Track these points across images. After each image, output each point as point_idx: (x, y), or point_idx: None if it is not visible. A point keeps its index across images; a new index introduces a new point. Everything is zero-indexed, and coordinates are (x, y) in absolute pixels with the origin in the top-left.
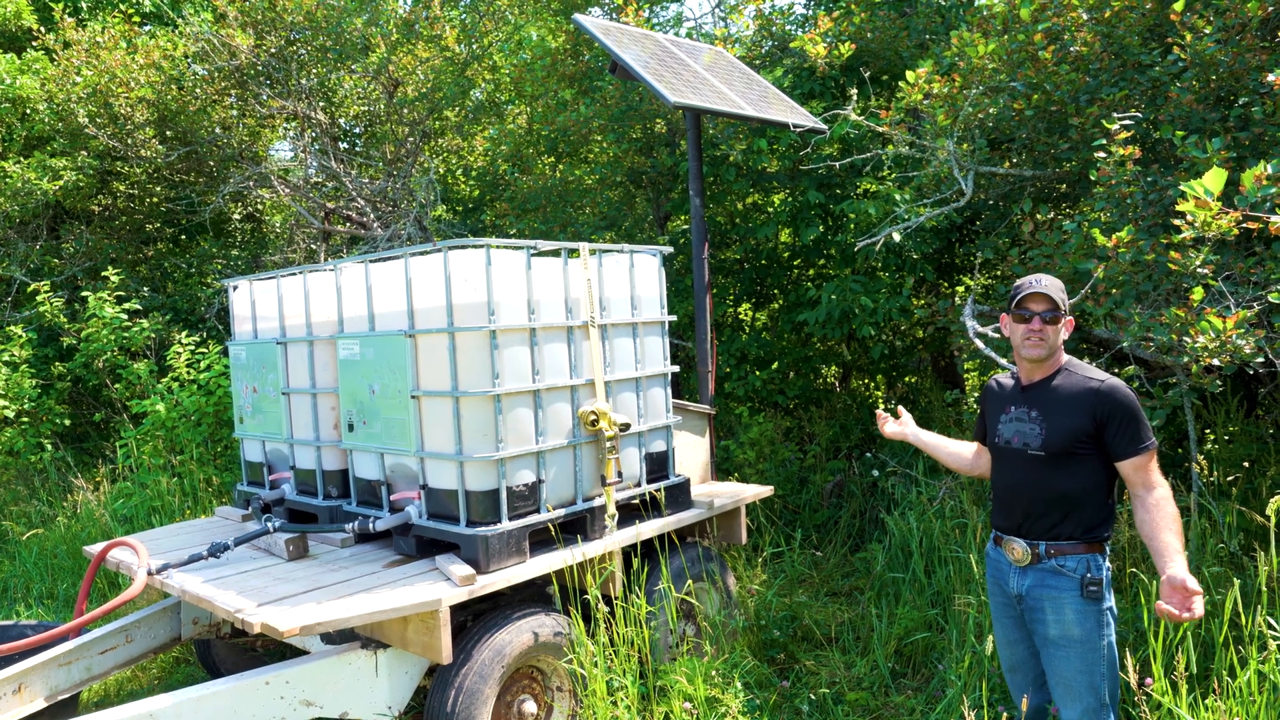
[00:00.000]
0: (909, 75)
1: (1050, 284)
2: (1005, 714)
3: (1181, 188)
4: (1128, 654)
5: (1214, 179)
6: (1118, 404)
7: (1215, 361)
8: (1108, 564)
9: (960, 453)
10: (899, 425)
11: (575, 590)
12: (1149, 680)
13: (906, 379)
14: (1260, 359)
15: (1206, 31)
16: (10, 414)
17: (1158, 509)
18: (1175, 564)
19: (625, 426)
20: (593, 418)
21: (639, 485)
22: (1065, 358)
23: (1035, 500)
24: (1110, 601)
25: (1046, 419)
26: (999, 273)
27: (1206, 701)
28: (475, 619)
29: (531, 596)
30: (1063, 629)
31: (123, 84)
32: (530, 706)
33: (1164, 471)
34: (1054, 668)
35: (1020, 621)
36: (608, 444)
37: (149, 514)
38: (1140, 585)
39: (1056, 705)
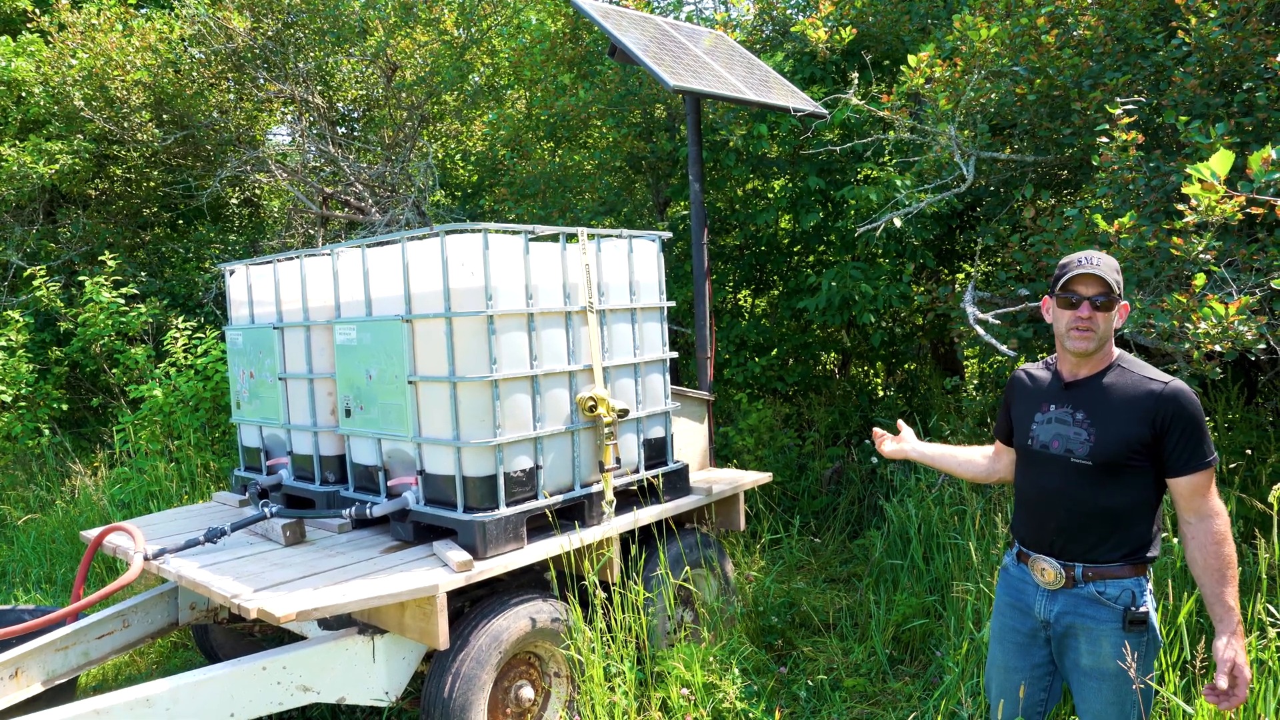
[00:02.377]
0: (910, 60)
1: (1103, 263)
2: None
3: (1187, 170)
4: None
5: (1220, 161)
6: (1181, 410)
7: (1217, 348)
8: (1151, 587)
9: (972, 460)
10: (898, 443)
11: (573, 576)
12: None
13: (906, 366)
14: (1262, 345)
15: (1211, 15)
16: (8, 399)
17: (1217, 554)
18: (1228, 640)
19: (623, 412)
20: (591, 403)
21: (637, 471)
22: (1116, 351)
23: (1074, 514)
24: (1156, 629)
25: (1096, 423)
26: (999, 259)
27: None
28: (472, 605)
29: (529, 582)
30: (1097, 661)
31: (118, 67)
32: (527, 692)
33: None
34: (1083, 695)
35: (1026, 650)
36: (606, 430)
37: (146, 499)
38: None
39: None
